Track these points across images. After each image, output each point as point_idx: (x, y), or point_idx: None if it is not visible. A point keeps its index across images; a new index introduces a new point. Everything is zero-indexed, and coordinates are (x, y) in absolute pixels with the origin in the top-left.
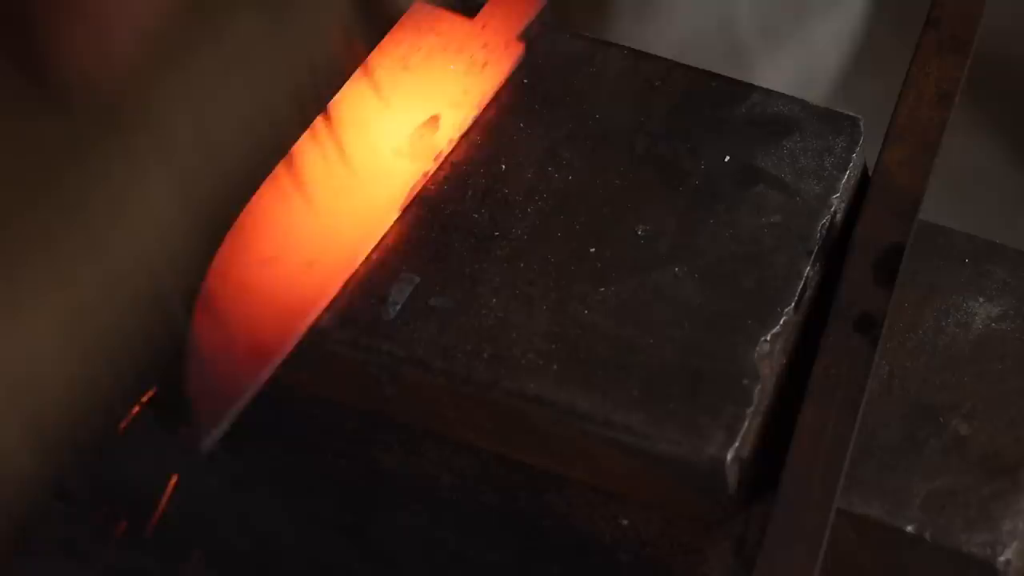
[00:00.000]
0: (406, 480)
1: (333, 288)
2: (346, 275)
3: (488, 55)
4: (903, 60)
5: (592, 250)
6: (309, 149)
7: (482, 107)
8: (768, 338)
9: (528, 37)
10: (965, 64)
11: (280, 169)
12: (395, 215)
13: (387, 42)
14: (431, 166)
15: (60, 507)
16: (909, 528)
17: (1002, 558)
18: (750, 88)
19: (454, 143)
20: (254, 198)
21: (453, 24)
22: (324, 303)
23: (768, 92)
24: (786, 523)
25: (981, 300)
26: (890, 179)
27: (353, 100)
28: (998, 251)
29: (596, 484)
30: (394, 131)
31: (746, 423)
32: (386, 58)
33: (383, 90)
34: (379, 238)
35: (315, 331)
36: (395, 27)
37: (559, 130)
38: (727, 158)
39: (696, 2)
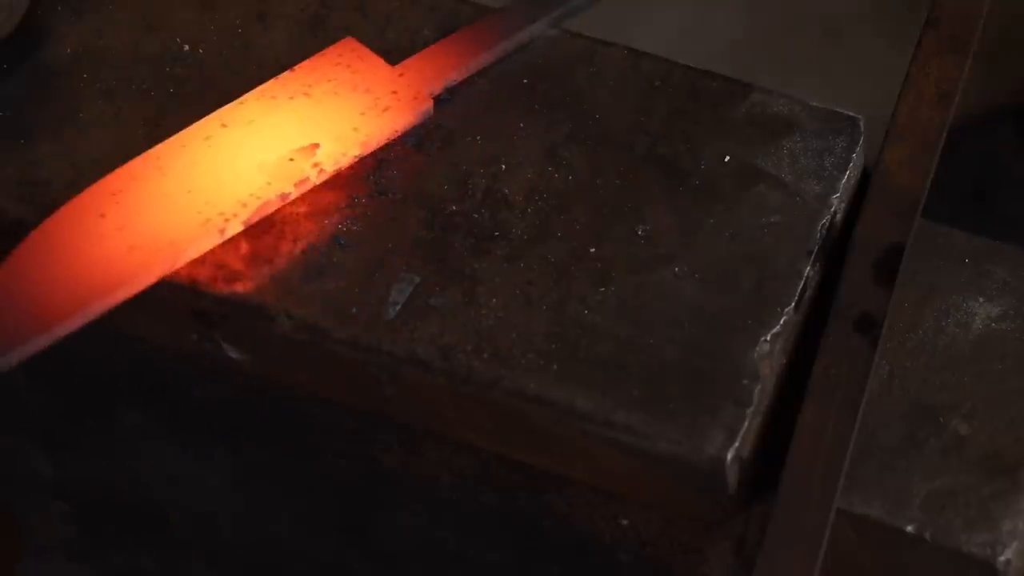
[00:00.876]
0: (406, 480)
1: (143, 281)
2: (161, 272)
3: (393, 102)
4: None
5: (592, 250)
6: (190, 138)
7: (368, 150)
8: (768, 338)
9: (444, 97)
10: (965, 64)
11: (157, 149)
12: (237, 228)
13: (302, 66)
14: (291, 191)
15: (60, 507)
16: (909, 528)
17: (1002, 558)
18: (750, 88)
19: (324, 175)
20: (123, 167)
21: (372, 65)
22: (127, 293)
23: (768, 92)
24: (786, 523)
25: (981, 300)
26: (890, 179)
27: (247, 108)
28: (998, 251)
29: (596, 484)
30: (268, 147)
31: (746, 423)
32: (293, 80)
33: (276, 107)
34: (210, 246)
35: (315, 331)
36: (317, 55)
37: (559, 130)
38: (727, 158)
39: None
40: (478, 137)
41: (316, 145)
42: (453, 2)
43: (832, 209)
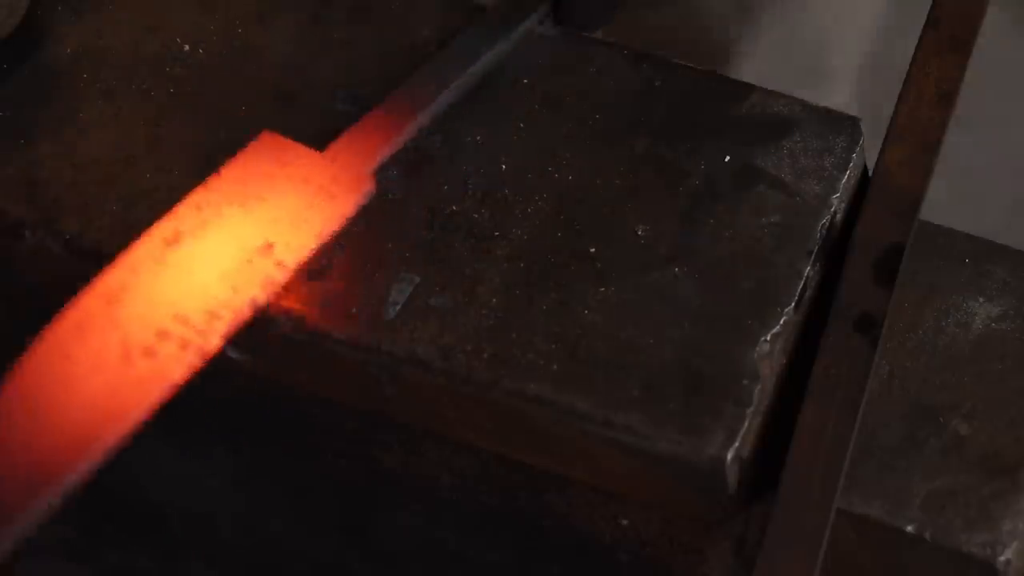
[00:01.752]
0: (406, 480)
1: (146, 403)
2: (152, 407)
3: (336, 188)
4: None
5: (592, 250)
6: (139, 262)
7: (324, 239)
8: (768, 338)
9: (380, 174)
10: (965, 64)
11: (106, 278)
12: (215, 344)
13: (228, 169)
14: (259, 294)
15: (60, 507)
16: (909, 528)
17: (1002, 558)
18: (750, 88)
19: (287, 272)
20: (75, 301)
21: (300, 155)
22: (132, 420)
23: (768, 92)
24: (786, 523)
25: (981, 300)
26: (890, 179)
27: (186, 221)
28: (998, 251)
29: (596, 484)
30: (224, 256)
31: (746, 423)
32: (226, 185)
33: (217, 216)
34: (193, 367)
35: (315, 331)
36: (239, 154)
37: (559, 130)
38: (727, 158)
39: None
40: (478, 137)
41: (271, 244)
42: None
43: (832, 209)
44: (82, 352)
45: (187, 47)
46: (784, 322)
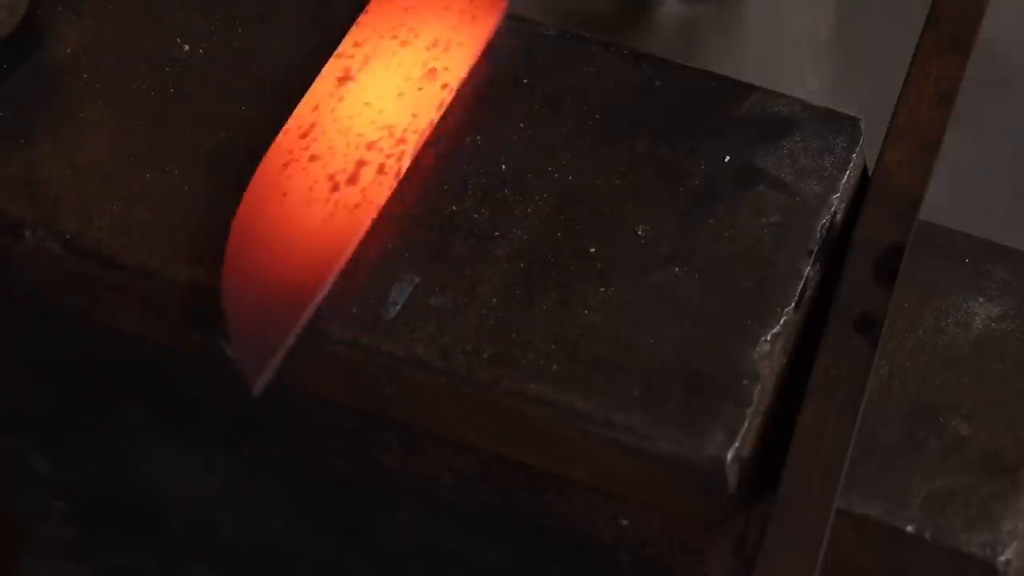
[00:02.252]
0: (406, 480)
1: (363, 225)
2: (375, 211)
3: (475, 9)
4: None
5: (592, 250)
6: (318, 99)
7: (474, 60)
8: (768, 338)
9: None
10: (965, 64)
11: (290, 123)
12: (407, 164)
13: (374, 3)
14: (435, 114)
15: (59, 507)
16: (909, 528)
17: (1002, 558)
18: (750, 88)
19: (452, 93)
20: (270, 151)
21: None
22: (356, 240)
23: (768, 92)
24: (786, 523)
25: (981, 300)
26: (890, 179)
27: (350, 61)
28: (998, 251)
29: (596, 484)
30: (396, 85)
31: (746, 423)
32: (374, 22)
33: (377, 50)
34: (390, 190)
35: (316, 330)
36: None
37: (559, 130)
38: (727, 158)
39: None
40: (478, 137)
41: (434, 69)
42: None
43: (832, 209)
44: (293, 187)
45: (187, 47)
46: (784, 322)
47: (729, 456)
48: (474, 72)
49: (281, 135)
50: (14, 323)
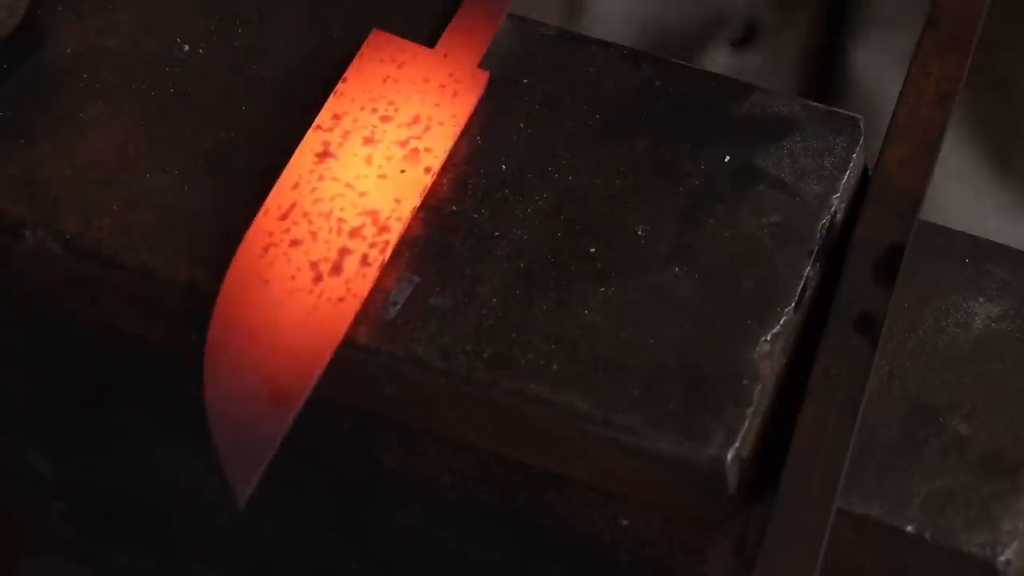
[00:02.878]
0: (406, 480)
1: (347, 319)
2: (359, 304)
3: (456, 84)
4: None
5: (592, 250)
6: (295, 175)
7: (455, 138)
8: (768, 338)
9: (488, 64)
10: (965, 64)
11: (269, 200)
12: (387, 256)
13: (351, 76)
14: (417, 200)
15: (59, 507)
16: (909, 528)
17: (1002, 558)
18: (750, 88)
19: (434, 175)
20: (250, 232)
21: (414, 53)
22: (341, 336)
23: (768, 92)
24: (786, 523)
25: (981, 300)
26: (890, 179)
27: (329, 135)
28: (998, 251)
29: (596, 484)
30: (375, 164)
31: (746, 423)
32: (352, 93)
33: (355, 125)
34: (374, 277)
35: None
36: (357, 57)
37: (559, 130)
38: (727, 158)
39: None
40: (478, 137)
41: (416, 150)
42: None
43: (832, 209)
44: (275, 274)
45: (187, 47)
46: (784, 322)
47: (729, 456)
48: (454, 152)
49: (260, 215)
50: (14, 323)
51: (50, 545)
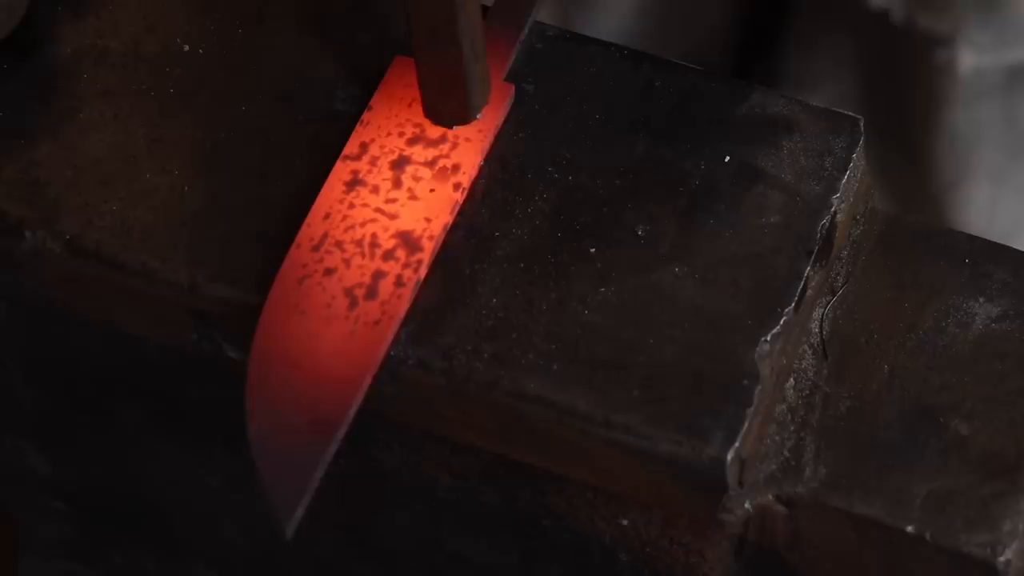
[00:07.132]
0: (406, 480)
1: (386, 341)
2: (396, 325)
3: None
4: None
5: (592, 250)
6: (326, 206)
7: (485, 154)
8: (768, 338)
9: (513, 77)
10: None
11: (302, 233)
12: (423, 274)
13: (377, 103)
14: (449, 218)
15: (59, 507)
16: (909, 528)
17: (1002, 558)
18: (750, 88)
19: (465, 192)
20: (285, 265)
21: None
22: (380, 359)
23: (768, 92)
24: None
25: (981, 300)
26: None
27: (356, 162)
28: (998, 251)
29: (596, 484)
30: (406, 187)
31: (746, 423)
32: (379, 120)
33: (386, 151)
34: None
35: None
36: (381, 84)
37: (559, 130)
38: (727, 158)
39: None
40: None
41: (445, 168)
42: None
43: (832, 209)
44: (311, 304)
45: (187, 47)
46: (784, 322)
47: (729, 456)
48: (484, 169)
49: (293, 248)
50: (14, 323)
51: (50, 545)
